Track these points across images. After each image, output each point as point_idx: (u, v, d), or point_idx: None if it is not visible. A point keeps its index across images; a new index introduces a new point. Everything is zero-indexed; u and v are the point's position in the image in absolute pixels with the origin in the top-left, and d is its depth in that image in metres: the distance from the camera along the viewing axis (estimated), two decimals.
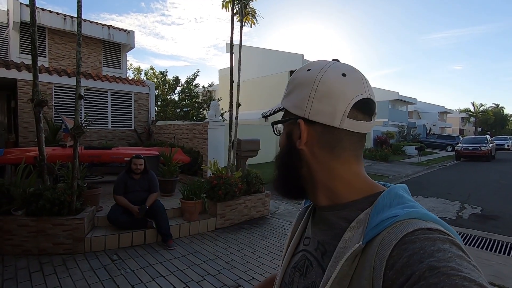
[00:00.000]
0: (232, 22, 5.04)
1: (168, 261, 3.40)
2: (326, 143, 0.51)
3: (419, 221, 0.42)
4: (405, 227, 0.41)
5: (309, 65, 0.55)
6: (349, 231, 0.47)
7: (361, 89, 0.50)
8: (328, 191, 0.53)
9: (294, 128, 0.54)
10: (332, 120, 0.49)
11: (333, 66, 0.52)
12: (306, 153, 0.53)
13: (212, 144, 6.70)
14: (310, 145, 0.52)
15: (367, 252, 0.42)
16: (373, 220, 0.45)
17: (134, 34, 10.79)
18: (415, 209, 0.44)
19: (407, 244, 0.39)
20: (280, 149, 0.58)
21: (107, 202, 4.65)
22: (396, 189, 0.50)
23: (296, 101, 0.53)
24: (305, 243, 0.59)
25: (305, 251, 0.57)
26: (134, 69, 17.86)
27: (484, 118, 45.87)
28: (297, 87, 0.53)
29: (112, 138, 8.78)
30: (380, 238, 0.42)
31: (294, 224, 0.67)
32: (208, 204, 4.65)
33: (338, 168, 0.52)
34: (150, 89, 9.70)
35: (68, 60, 9.63)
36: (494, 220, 5.49)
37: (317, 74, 0.51)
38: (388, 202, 0.47)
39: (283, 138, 0.57)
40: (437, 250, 0.37)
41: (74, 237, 3.48)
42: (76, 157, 3.65)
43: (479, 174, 11.57)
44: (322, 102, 0.50)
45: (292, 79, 0.56)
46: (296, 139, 0.53)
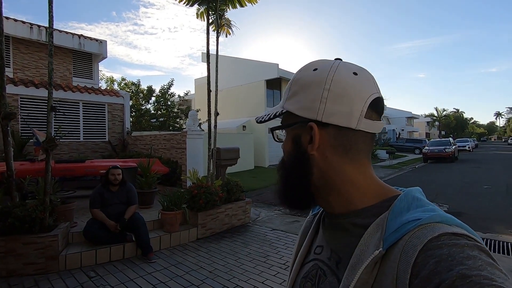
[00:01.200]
0: (208, 32, 5.12)
1: (150, 274, 3.32)
2: (340, 146, 0.48)
3: (443, 225, 0.39)
4: (429, 231, 0.38)
5: (313, 64, 0.51)
6: (366, 237, 0.44)
7: (374, 88, 0.49)
8: (342, 197, 0.49)
9: (302, 132, 0.50)
10: (349, 121, 0.47)
11: (342, 65, 0.49)
12: (317, 158, 0.49)
13: (191, 154, 6.65)
14: (322, 150, 0.49)
15: (388, 259, 0.40)
16: (391, 224, 0.42)
17: (106, 43, 10.55)
18: (437, 213, 0.41)
19: (433, 250, 0.36)
20: (285, 156, 0.54)
21: (81, 217, 4.46)
22: (413, 192, 0.47)
23: (304, 103, 0.49)
24: (317, 252, 0.55)
25: (317, 260, 0.54)
26: (106, 79, 17.32)
27: (447, 122, 49.25)
28: (304, 88, 0.49)
29: (85, 151, 8.43)
30: (402, 243, 0.39)
31: (301, 233, 0.63)
32: (189, 214, 4.60)
33: (353, 172, 0.49)
34: (125, 100, 9.48)
35: (35, 70, 9.20)
36: (459, 216, 5.85)
37: (327, 73, 0.48)
38: (406, 205, 0.44)
39: (288, 144, 0.52)
40: (467, 257, 0.34)
41: (47, 256, 3.31)
42: (49, 171, 3.49)
43: (445, 174, 12.37)
44: (337, 103, 0.47)
45: (297, 80, 0.51)
46: (305, 143, 0.49)
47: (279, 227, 5.12)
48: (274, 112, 0.53)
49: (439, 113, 48.31)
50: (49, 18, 3.38)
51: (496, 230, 4.94)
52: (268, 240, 4.46)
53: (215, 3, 5.11)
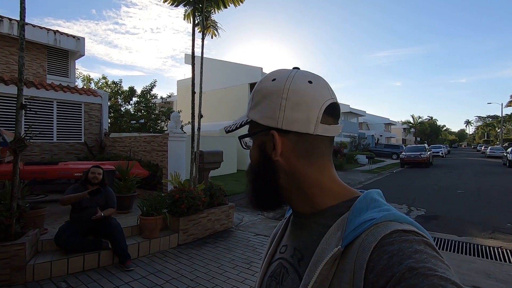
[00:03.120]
0: (193, 33, 5.01)
1: (127, 284, 3.13)
2: (302, 151, 0.51)
3: (395, 223, 0.43)
4: (383, 229, 0.42)
5: (272, 74, 0.54)
6: (328, 236, 0.47)
7: (328, 94, 0.52)
8: (307, 198, 0.52)
9: (266, 139, 0.52)
10: (307, 128, 0.50)
11: (298, 74, 0.52)
12: (282, 163, 0.52)
13: (172, 157, 6.46)
14: (285, 155, 0.51)
15: (346, 256, 0.43)
16: (351, 223, 0.45)
17: (84, 40, 10.11)
18: (390, 212, 0.45)
19: (386, 246, 0.40)
20: (252, 162, 0.57)
21: (53, 223, 4.18)
22: (372, 193, 0.51)
23: (266, 112, 0.51)
24: (281, 251, 0.58)
25: (281, 259, 0.56)
26: (83, 77, 16.59)
27: (422, 129, 51.45)
28: (265, 97, 0.52)
29: (58, 152, 7.98)
30: (359, 241, 0.42)
31: (272, 234, 0.66)
32: (170, 219, 4.43)
33: (316, 175, 0.52)
34: (103, 99, 9.09)
35: (5, 66, 8.63)
36: (436, 220, 6.10)
37: (284, 83, 0.51)
38: (364, 206, 0.47)
39: (254, 152, 0.55)
40: (414, 251, 0.38)
41: (12, 266, 3.04)
42: (17, 173, 3.23)
43: (421, 179, 12.84)
44: (295, 110, 0.49)
45: (258, 90, 0.54)
46: (270, 150, 0.52)
47: (263, 232, 5.05)
48: (240, 121, 0.56)
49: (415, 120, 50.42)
50: (21, 9, 3.15)
51: (470, 233, 5.14)
52: (251, 246, 4.38)
53: (201, 4, 5.02)
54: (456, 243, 4.59)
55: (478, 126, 77.39)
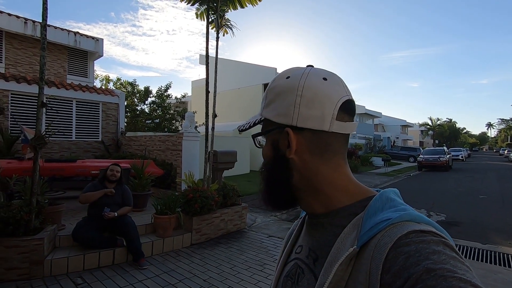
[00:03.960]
0: (208, 32, 5.01)
1: (140, 282, 3.14)
2: (316, 148, 0.51)
3: (412, 223, 0.42)
4: (399, 230, 0.41)
5: (286, 72, 0.54)
6: (343, 236, 0.46)
7: (343, 91, 0.51)
8: (321, 197, 0.52)
9: (280, 137, 0.52)
10: (321, 124, 0.49)
11: (312, 72, 0.52)
12: (296, 162, 0.51)
13: (186, 156, 6.49)
14: (300, 153, 0.51)
15: (362, 256, 0.42)
16: (366, 223, 0.44)
17: (103, 42, 10.36)
18: (407, 212, 0.44)
19: (402, 246, 0.39)
20: (265, 160, 0.56)
21: (70, 219, 4.27)
22: (388, 193, 0.50)
23: (280, 109, 0.51)
24: (297, 251, 0.58)
25: (297, 259, 0.56)
26: (102, 78, 17.05)
27: (441, 131, 49.83)
28: (279, 95, 0.52)
29: (76, 150, 8.19)
30: (375, 241, 0.41)
31: (287, 235, 0.66)
32: (183, 218, 4.43)
33: (330, 173, 0.51)
34: (120, 99, 9.28)
35: (28, 67, 8.96)
36: (457, 226, 5.84)
37: (299, 80, 0.50)
38: (380, 205, 0.46)
39: (268, 150, 0.55)
40: (432, 252, 0.37)
41: (32, 260, 3.11)
42: (36, 170, 3.31)
43: (440, 183, 12.39)
44: (310, 108, 0.49)
45: (272, 88, 0.54)
46: (284, 148, 0.52)
47: (276, 234, 4.98)
48: (253, 120, 0.56)
49: (433, 122, 48.89)
50: (43, 10, 3.23)
51: (495, 241, 4.88)
52: (264, 247, 4.32)
53: (216, 3, 5.01)
54: (480, 251, 4.37)
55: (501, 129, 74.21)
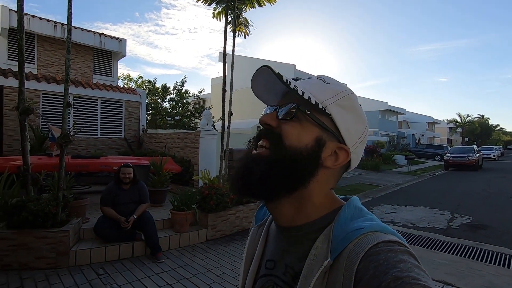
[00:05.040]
0: (225, 32, 5.06)
1: (157, 275, 3.28)
2: (340, 173, 0.55)
3: (380, 233, 0.44)
4: (369, 240, 0.42)
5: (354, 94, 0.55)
6: (315, 248, 0.46)
7: None
8: (308, 208, 0.51)
9: (328, 141, 0.51)
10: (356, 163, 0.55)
11: None
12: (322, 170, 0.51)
13: (204, 153, 6.62)
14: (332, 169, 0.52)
15: (335, 267, 0.43)
16: (337, 233, 0.45)
17: (126, 42, 10.75)
18: (376, 222, 0.46)
19: (372, 256, 0.40)
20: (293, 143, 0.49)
21: (94, 213, 4.50)
22: (354, 201, 0.52)
23: (349, 127, 0.52)
24: (268, 267, 0.55)
25: (271, 276, 0.53)
26: (124, 77, 17.71)
27: (471, 129, 47.12)
28: (356, 116, 0.53)
29: (101, 147, 8.60)
30: (347, 251, 0.43)
31: (248, 245, 0.62)
32: (199, 215, 4.55)
33: (322, 186, 0.52)
34: (142, 97, 9.61)
35: (57, 67, 9.49)
36: (484, 230, 5.54)
37: (364, 113, 0.55)
38: (349, 215, 0.48)
39: (306, 137, 0.49)
40: (399, 261, 0.39)
41: (58, 251, 3.33)
42: (62, 166, 3.53)
43: (468, 184, 11.77)
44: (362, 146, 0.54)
45: (349, 97, 0.53)
46: (326, 153, 0.50)
47: None
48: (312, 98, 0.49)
49: (462, 118, 46.34)
50: (68, 15, 3.41)
51: None
52: None
53: (233, 2, 5.05)
54: (507, 257, 4.13)
55: None
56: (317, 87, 0.52)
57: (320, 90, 0.52)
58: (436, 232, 5.30)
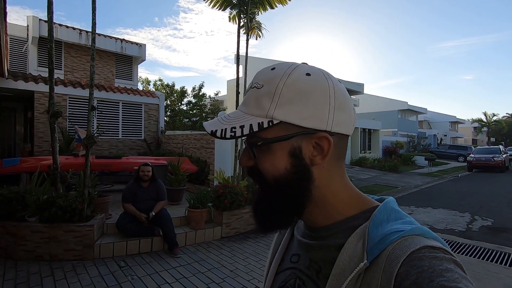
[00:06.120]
0: (238, 35, 5.22)
1: (174, 269, 3.46)
2: (338, 155, 0.48)
3: (422, 238, 0.41)
4: (411, 243, 0.40)
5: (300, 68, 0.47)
6: (347, 247, 0.44)
7: None
8: (327, 208, 0.49)
9: (302, 144, 0.46)
10: (349, 129, 0.47)
11: (326, 71, 0.48)
12: (315, 171, 0.47)
13: (219, 154, 6.81)
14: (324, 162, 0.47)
15: (371, 269, 0.41)
16: (373, 235, 0.42)
17: (145, 47, 11.19)
18: (417, 226, 0.43)
19: (415, 261, 0.38)
20: (274, 174, 0.47)
21: (116, 210, 4.77)
22: (390, 203, 0.48)
23: (308, 112, 0.44)
24: (293, 260, 0.54)
25: (294, 269, 0.53)
26: (142, 80, 18.37)
27: (497, 128, 44.79)
28: (305, 95, 0.44)
29: (123, 148, 9.01)
30: (385, 253, 0.40)
31: (275, 242, 0.62)
32: (214, 213, 4.71)
33: (338, 181, 0.49)
34: (160, 100, 9.97)
35: (82, 72, 10.03)
36: (506, 233, 5.35)
37: (326, 80, 0.46)
38: (385, 216, 0.45)
39: (281, 160, 0.46)
40: (445, 270, 0.37)
41: (84, 244, 3.59)
42: (88, 166, 3.80)
43: (492, 186, 11.29)
44: (341, 111, 0.46)
45: (290, 85, 0.45)
46: (308, 156, 0.46)
47: None
48: (254, 122, 0.45)
49: (488, 118, 44.16)
50: (92, 24, 3.68)
51: None
52: None
53: (246, 6, 5.19)
54: None
55: None
56: (253, 102, 0.47)
57: (256, 103, 0.46)
58: (454, 234, 5.18)
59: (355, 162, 16.97)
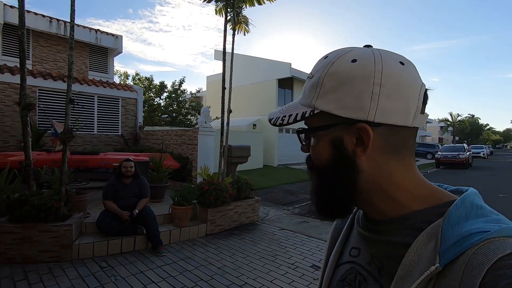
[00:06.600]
0: (225, 29, 5.13)
1: (160, 268, 3.36)
2: (391, 147, 0.44)
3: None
4: (498, 247, 0.34)
5: (349, 54, 0.44)
6: (416, 247, 0.39)
7: (420, 79, 0.44)
8: (388, 201, 0.45)
9: (344, 134, 0.44)
10: (405, 119, 0.42)
11: (386, 55, 0.43)
12: (363, 162, 0.44)
13: (202, 150, 6.70)
14: (370, 152, 0.43)
15: (446, 275, 0.36)
16: (448, 235, 0.37)
17: (122, 38, 10.71)
18: (507, 225, 0.37)
19: (504, 269, 0.32)
20: (318, 162, 0.47)
21: (94, 208, 4.55)
22: (471, 197, 0.42)
23: (347, 101, 0.42)
24: (353, 254, 0.51)
25: (354, 264, 0.50)
26: (120, 74, 17.62)
27: (461, 128, 48.09)
28: (344, 83, 0.42)
29: (98, 144, 8.59)
30: (464, 259, 0.35)
31: (333, 232, 0.60)
32: (199, 210, 4.63)
33: (401, 174, 0.45)
34: (138, 95, 9.61)
35: (52, 63, 9.41)
36: None
37: (373, 65, 0.42)
38: (464, 213, 0.39)
39: (324, 149, 0.46)
40: None
41: (61, 244, 3.38)
42: (65, 162, 3.57)
43: (458, 181, 12.09)
44: (391, 99, 0.41)
45: (332, 73, 0.43)
46: (350, 147, 0.44)
47: (288, 227, 5.10)
48: (300, 112, 0.46)
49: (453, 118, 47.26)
50: (71, 12, 3.45)
51: None
52: (276, 240, 4.46)
53: (233, 0, 5.11)
54: None
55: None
56: (304, 93, 0.48)
57: (305, 93, 0.48)
58: None
59: None
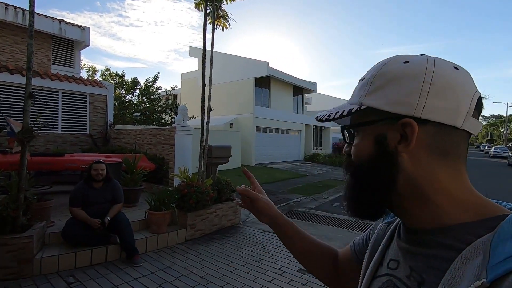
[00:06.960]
0: (205, 23, 4.88)
1: (136, 280, 3.07)
2: (439, 147, 0.42)
3: None
4: None
5: (402, 57, 0.45)
6: (460, 261, 0.38)
7: (474, 86, 0.44)
8: (431, 209, 0.43)
9: (388, 130, 0.44)
10: (454, 119, 0.41)
11: (438, 59, 0.44)
12: (406, 161, 0.43)
13: (179, 150, 6.37)
14: (414, 151, 0.42)
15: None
16: (498, 250, 0.35)
17: (89, 31, 9.96)
18: None
19: None
20: (359, 158, 0.47)
21: (59, 215, 4.11)
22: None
23: (395, 97, 0.42)
24: (391, 267, 0.49)
25: (391, 276, 0.48)
26: (88, 68, 16.48)
27: None
28: (393, 81, 0.43)
29: (63, 144, 7.90)
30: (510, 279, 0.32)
31: (373, 243, 0.58)
32: (178, 214, 4.35)
33: (448, 180, 0.42)
34: (108, 91, 8.98)
35: (9, 55, 8.51)
36: None
37: (425, 66, 0.42)
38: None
39: (367, 145, 0.46)
40: None
41: (20, 259, 2.97)
42: (24, 165, 3.15)
43: None
44: (441, 97, 0.41)
45: (382, 73, 0.45)
46: (393, 143, 0.43)
47: (270, 229, 4.96)
48: (346, 109, 0.47)
49: None
50: None
51: None
52: (260, 243, 4.31)
53: None
54: None
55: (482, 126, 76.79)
56: (354, 92, 0.50)
57: (355, 93, 0.50)
58: None
59: (308, 158, 17.70)
